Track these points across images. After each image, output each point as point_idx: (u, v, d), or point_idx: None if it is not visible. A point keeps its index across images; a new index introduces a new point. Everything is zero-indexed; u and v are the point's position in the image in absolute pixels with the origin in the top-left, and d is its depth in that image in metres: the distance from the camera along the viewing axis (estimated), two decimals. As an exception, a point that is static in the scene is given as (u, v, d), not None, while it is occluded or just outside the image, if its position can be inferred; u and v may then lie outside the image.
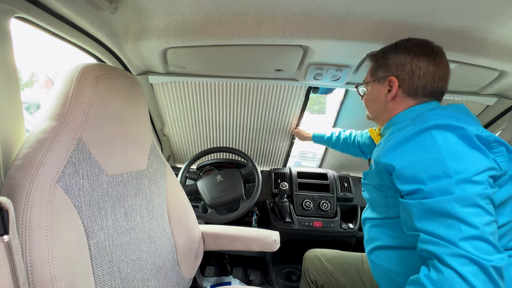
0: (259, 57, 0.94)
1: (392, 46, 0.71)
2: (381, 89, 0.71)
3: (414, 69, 0.65)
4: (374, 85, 0.74)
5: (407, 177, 0.55)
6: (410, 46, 0.67)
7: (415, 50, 0.66)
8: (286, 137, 1.48)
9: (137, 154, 0.72)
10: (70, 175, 0.55)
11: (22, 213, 0.48)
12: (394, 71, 0.68)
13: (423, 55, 0.65)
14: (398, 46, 0.69)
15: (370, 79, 0.75)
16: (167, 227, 0.79)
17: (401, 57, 0.67)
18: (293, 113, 1.33)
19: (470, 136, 0.53)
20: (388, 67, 0.69)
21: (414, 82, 0.66)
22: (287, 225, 1.33)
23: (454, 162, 0.51)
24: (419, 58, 0.65)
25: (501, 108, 1.17)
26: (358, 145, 1.10)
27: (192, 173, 1.35)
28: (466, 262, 0.46)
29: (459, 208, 0.48)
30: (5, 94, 0.53)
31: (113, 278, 0.61)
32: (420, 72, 0.65)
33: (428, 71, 0.65)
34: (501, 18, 0.71)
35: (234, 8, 0.72)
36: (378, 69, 0.73)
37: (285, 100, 1.26)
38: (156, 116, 1.35)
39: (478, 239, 0.47)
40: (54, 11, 0.65)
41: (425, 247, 0.51)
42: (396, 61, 0.68)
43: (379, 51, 0.74)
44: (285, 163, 1.65)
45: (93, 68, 0.61)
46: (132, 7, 0.73)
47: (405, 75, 0.66)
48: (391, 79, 0.68)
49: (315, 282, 0.96)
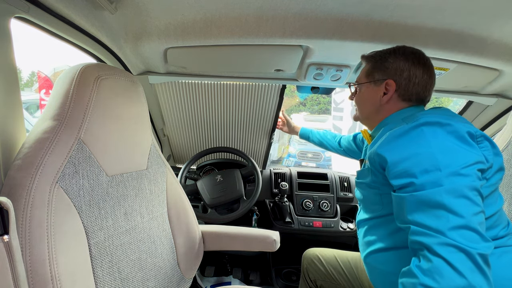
0: (259, 57, 0.94)
1: (390, 50, 0.73)
2: (376, 90, 0.73)
3: (411, 76, 0.69)
4: (369, 86, 0.75)
5: (399, 171, 0.57)
6: (408, 54, 0.70)
7: (412, 58, 0.70)
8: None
9: (137, 154, 0.72)
10: (70, 175, 0.55)
11: (22, 213, 0.48)
12: (393, 75, 0.70)
13: (419, 64, 0.69)
14: (397, 52, 0.71)
15: (366, 80, 0.76)
16: (167, 227, 0.79)
17: (400, 62, 0.70)
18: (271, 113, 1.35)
19: (458, 131, 0.56)
20: (387, 70, 0.71)
21: (409, 88, 0.69)
22: (287, 225, 1.33)
23: (443, 156, 0.54)
24: (416, 66, 0.69)
25: (501, 108, 1.17)
26: (341, 145, 1.26)
27: (192, 173, 1.35)
28: (454, 251, 0.48)
29: (448, 200, 0.51)
30: (5, 94, 0.53)
31: (113, 278, 0.61)
32: (416, 80, 0.69)
33: (422, 79, 0.69)
34: (501, 18, 0.71)
35: (234, 8, 0.72)
36: (375, 71, 0.74)
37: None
38: (156, 116, 1.35)
39: (466, 228, 0.49)
40: (54, 11, 0.65)
41: (415, 239, 0.53)
42: (395, 66, 0.70)
43: (376, 54, 0.75)
44: (264, 165, 1.62)
45: (93, 68, 0.61)
46: (132, 7, 0.73)
47: (402, 80, 0.69)
48: (389, 82, 0.70)
49: (314, 281, 0.97)
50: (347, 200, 1.43)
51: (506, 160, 0.87)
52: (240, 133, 1.46)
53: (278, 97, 1.25)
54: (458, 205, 0.50)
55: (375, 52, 0.76)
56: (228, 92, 1.24)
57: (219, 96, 1.26)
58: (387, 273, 0.67)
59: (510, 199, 0.83)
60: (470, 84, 1.05)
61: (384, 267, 0.68)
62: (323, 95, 1.29)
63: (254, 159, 1.58)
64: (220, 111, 1.33)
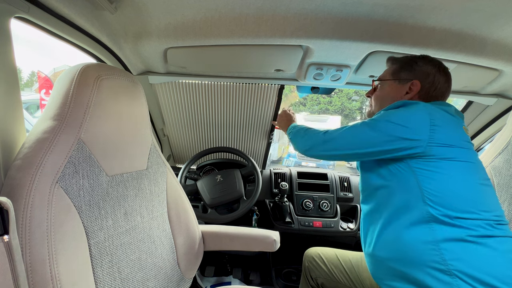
0: (259, 57, 0.94)
1: (419, 56, 0.80)
2: (400, 89, 0.80)
3: (435, 81, 0.76)
4: (393, 84, 0.81)
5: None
6: (435, 62, 0.78)
7: (439, 66, 0.77)
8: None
9: (137, 154, 0.72)
10: (70, 175, 0.55)
11: (22, 213, 0.48)
12: (419, 77, 0.77)
13: (444, 72, 0.77)
14: (425, 58, 0.79)
15: (391, 77, 0.82)
16: (167, 227, 0.79)
17: (428, 67, 0.77)
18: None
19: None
20: (414, 72, 0.78)
21: (431, 92, 0.77)
22: (287, 225, 1.33)
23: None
24: (441, 74, 0.77)
25: (501, 108, 1.17)
26: None
27: (192, 173, 1.35)
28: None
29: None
30: (5, 94, 0.53)
31: (113, 278, 0.61)
32: (438, 85, 0.77)
33: (444, 86, 0.77)
34: (501, 18, 0.71)
35: (234, 8, 0.72)
36: (402, 71, 0.80)
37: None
38: (156, 116, 1.35)
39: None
40: (54, 11, 0.65)
41: None
42: (423, 69, 0.77)
43: (405, 57, 0.82)
44: (264, 164, 1.63)
45: (93, 68, 0.61)
46: (132, 7, 0.73)
47: (426, 83, 0.76)
48: (415, 82, 0.77)
49: (315, 280, 0.97)
50: (347, 200, 1.43)
51: (506, 160, 0.87)
52: (239, 133, 1.46)
53: (276, 97, 1.25)
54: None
55: (403, 56, 0.83)
56: (227, 92, 1.24)
57: (218, 96, 1.26)
58: (388, 259, 0.68)
59: (510, 199, 0.83)
60: (470, 84, 1.05)
61: (384, 254, 0.69)
62: (323, 95, 1.29)
63: (254, 159, 1.58)
64: (220, 111, 1.33)
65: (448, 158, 0.65)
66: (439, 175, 0.64)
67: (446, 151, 0.65)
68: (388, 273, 0.69)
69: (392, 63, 0.85)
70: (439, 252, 0.60)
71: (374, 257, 0.73)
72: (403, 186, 0.68)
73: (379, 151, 0.69)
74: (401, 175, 0.68)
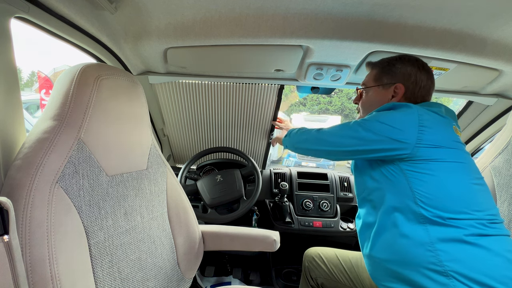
0: (259, 57, 0.94)
1: (396, 58, 0.80)
2: (385, 93, 0.80)
3: (418, 80, 0.76)
4: (377, 90, 0.81)
5: None
6: (413, 61, 0.77)
7: (418, 64, 0.77)
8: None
9: (137, 154, 0.72)
10: (70, 175, 0.55)
11: (22, 213, 0.48)
12: (401, 80, 0.77)
13: (424, 69, 0.77)
14: (402, 58, 0.79)
15: (374, 83, 0.82)
16: (167, 227, 0.79)
17: (407, 68, 0.77)
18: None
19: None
20: (395, 75, 0.78)
21: (416, 91, 0.77)
22: (287, 225, 1.33)
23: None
24: (421, 72, 0.76)
25: (501, 108, 1.17)
26: None
27: (192, 173, 1.35)
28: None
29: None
30: (5, 94, 0.53)
31: (113, 278, 0.61)
32: (421, 84, 0.76)
33: (427, 84, 0.77)
34: (501, 18, 0.71)
35: (234, 8, 0.72)
36: (383, 76, 0.80)
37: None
38: (156, 116, 1.35)
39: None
40: (54, 11, 0.65)
41: None
42: (403, 71, 0.77)
43: (382, 60, 0.82)
44: (264, 164, 1.63)
45: (93, 68, 0.61)
46: (132, 7, 0.73)
47: (409, 84, 0.76)
48: (399, 86, 0.77)
49: (315, 280, 0.97)
50: (347, 200, 1.43)
51: (506, 160, 0.87)
52: (239, 133, 1.46)
53: (276, 97, 1.25)
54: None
55: (380, 59, 0.83)
56: (227, 92, 1.24)
57: (218, 96, 1.26)
58: (386, 261, 0.68)
59: (510, 199, 0.83)
60: (470, 84, 1.05)
61: (383, 255, 0.69)
62: (323, 95, 1.29)
63: (254, 159, 1.58)
64: (220, 111, 1.33)
65: (436, 159, 0.65)
66: (428, 176, 0.64)
67: (434, 152, 0.65)
68: (385, 274, 0.69)
69: (371, 68, 0.85)
70: (435, 253, 0.60)
71: (371, 258, 0.73)
72: (395, 188, 0.68)
73: (369, 150, 0.70)
74: (393, 178, 0.68)
